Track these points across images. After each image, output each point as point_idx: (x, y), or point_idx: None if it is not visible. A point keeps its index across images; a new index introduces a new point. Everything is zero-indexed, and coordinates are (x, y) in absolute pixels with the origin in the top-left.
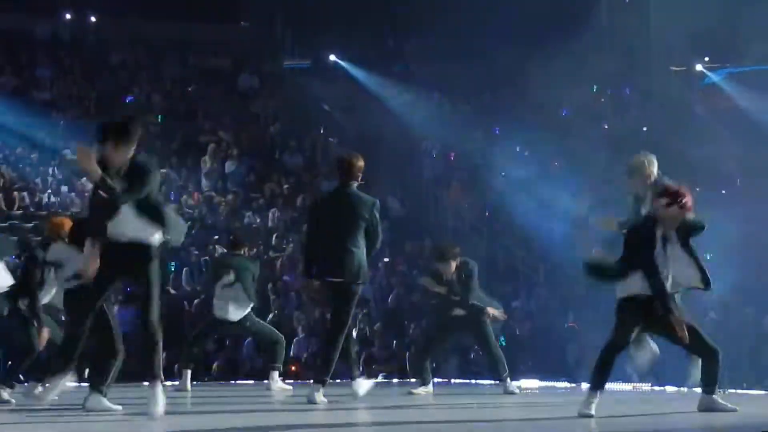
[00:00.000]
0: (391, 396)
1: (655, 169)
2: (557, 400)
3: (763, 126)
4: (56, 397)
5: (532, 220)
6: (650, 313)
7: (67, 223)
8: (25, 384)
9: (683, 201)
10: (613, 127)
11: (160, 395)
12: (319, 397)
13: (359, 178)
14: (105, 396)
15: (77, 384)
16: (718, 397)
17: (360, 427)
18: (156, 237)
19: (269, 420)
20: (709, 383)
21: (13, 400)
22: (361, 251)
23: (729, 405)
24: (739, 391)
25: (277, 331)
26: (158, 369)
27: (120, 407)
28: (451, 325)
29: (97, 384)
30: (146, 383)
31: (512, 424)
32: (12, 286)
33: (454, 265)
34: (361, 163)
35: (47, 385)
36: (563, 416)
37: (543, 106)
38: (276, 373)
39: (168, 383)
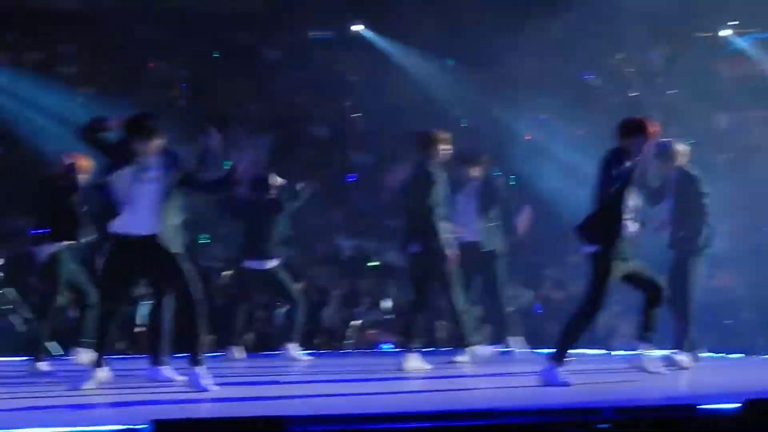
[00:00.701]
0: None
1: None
2: (587, 367)
3: None
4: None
5: (558, 189)
6: None
7: None
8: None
9: None
10: (638, 93)
11: (206, 375)
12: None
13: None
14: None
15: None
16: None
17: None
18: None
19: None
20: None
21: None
22: None
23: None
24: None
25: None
26: (200, 353)
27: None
28: None
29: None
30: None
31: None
32: None
33: None
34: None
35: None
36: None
37: (566, 74)
38: (294, 345)
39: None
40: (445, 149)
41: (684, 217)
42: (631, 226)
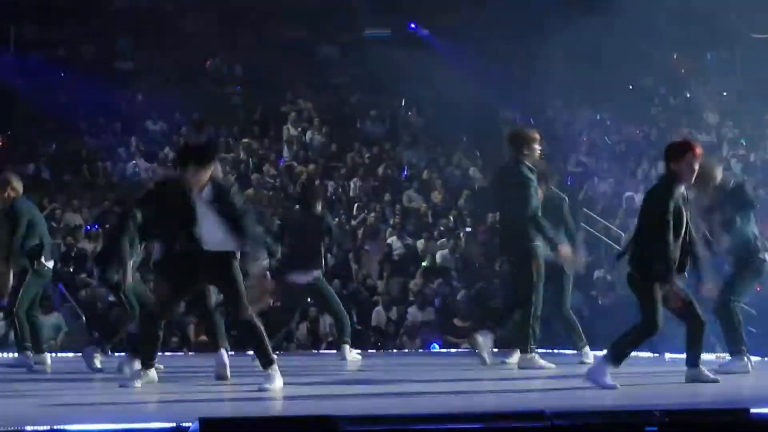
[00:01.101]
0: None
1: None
2: (639, 370)
3: None
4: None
5: (614, 190)
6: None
7: None
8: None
9: None
10: (695, 94)
11: (277, 375)
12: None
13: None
14: None
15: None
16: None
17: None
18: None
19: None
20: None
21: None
22: None
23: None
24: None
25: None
26: (269, 355)
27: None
28: None
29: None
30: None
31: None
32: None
33: None
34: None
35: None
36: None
37: (623, 74)
38: (347, 346)
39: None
40: (539, 149)
41: (732, 228)
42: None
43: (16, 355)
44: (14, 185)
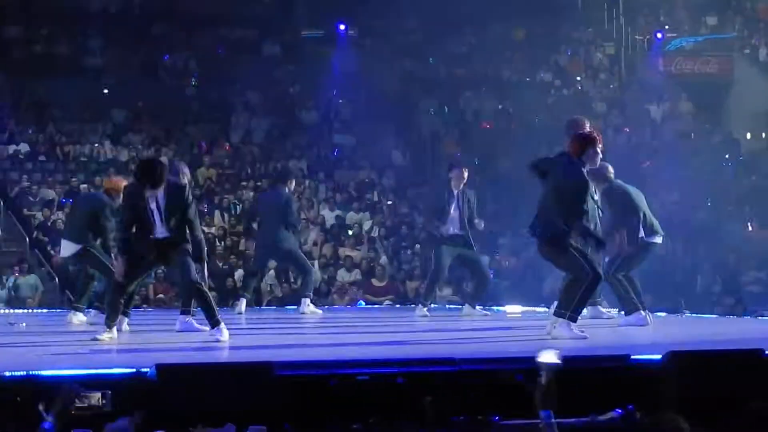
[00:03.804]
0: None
1: None
2: (538, 322)
3: None
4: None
5: (513, 168)
6: None
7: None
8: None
9: None
10: (585, 87)
11: (223, 330)
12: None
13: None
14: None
15: None
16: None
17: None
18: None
19: None
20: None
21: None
22: None
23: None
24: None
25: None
26: (215, 316)
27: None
28: None
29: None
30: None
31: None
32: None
33: None
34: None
35: None
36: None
37: (524, 70)
38: (308, 300)
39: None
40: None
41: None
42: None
43: None
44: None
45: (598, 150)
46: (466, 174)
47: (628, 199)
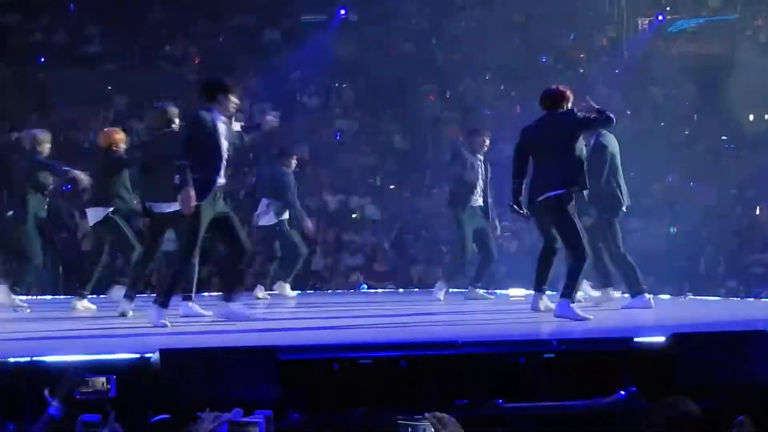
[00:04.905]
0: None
1: None
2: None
3: None
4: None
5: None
6: None
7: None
8: None
9: None
10: (587, 70)
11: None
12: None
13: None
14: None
15: None
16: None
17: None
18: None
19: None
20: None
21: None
22: None
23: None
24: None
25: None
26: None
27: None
28: None
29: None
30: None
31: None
32: None
33: None
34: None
35: None
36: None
37: (526, 54)
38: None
39: None
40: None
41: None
42: None
43: None
44: None
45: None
46: (488, 141)
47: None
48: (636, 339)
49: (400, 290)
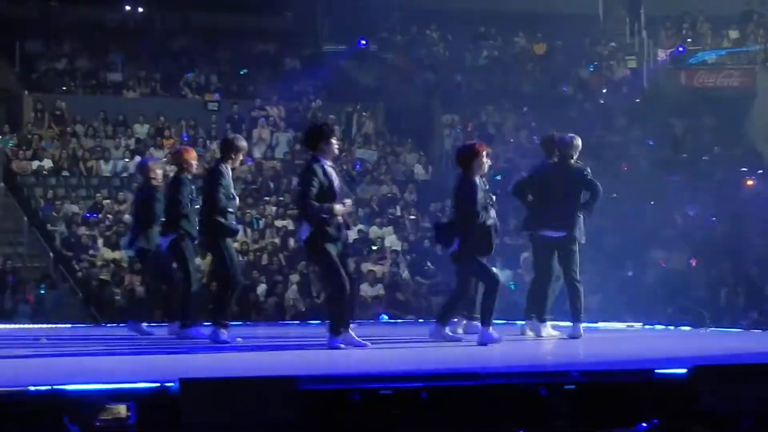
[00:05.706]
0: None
1: None
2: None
3: None
4: None
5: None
6: None
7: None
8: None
9: None
10: (607, 101)
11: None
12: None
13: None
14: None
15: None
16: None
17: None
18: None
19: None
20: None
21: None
22: None
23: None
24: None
25: None
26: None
27: None
28: None
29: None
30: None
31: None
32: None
33: None
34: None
35: None
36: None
37: (546, 84)
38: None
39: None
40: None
41: None
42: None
43: None
44: None
45: None
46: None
47: None
48: (657, 371)
49: (420, 320)
